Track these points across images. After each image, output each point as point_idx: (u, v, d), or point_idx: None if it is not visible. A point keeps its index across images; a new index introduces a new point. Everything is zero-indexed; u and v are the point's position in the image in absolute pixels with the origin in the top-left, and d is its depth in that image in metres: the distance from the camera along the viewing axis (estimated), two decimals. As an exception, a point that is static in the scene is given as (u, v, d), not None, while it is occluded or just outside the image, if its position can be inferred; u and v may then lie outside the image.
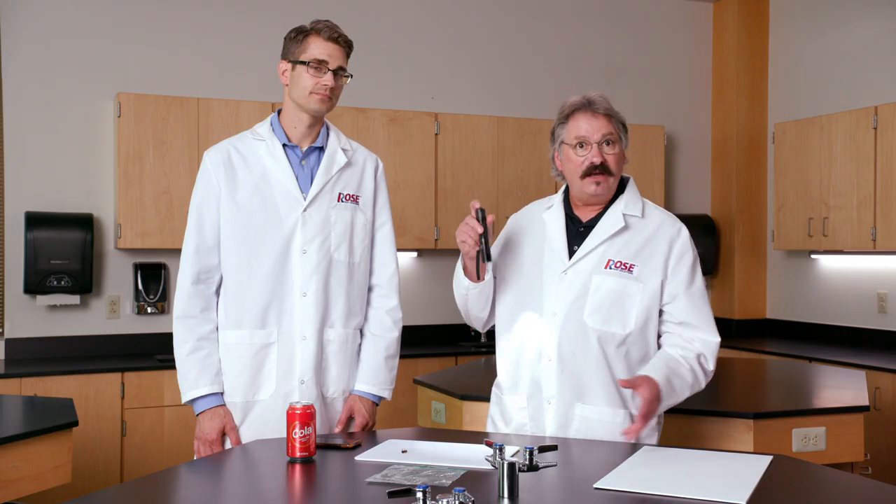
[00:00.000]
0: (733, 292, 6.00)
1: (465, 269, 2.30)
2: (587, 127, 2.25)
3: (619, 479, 1.82)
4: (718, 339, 2.28)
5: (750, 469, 1.90)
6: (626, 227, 2.27)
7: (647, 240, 2.27)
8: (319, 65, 2.37)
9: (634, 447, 2.12)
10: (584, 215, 2.32)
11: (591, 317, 2.22)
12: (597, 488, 1.76)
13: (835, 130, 5.08)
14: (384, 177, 2.61)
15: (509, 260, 2.38)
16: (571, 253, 2.28)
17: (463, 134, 5.24)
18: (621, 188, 2.34)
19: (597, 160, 2.23)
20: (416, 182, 5.12)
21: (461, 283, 2.33)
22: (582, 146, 2.25)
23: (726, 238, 6.08)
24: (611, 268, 2.23)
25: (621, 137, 2.28)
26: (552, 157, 2.36)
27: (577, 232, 2.31)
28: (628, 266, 2.24)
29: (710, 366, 2.26)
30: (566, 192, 2.39)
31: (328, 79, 2.37)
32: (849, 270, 5.41)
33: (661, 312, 2.27)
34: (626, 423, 2.23)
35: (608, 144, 2.25)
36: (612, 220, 2.28)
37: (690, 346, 2.25)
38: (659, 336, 2.30)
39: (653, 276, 2.24)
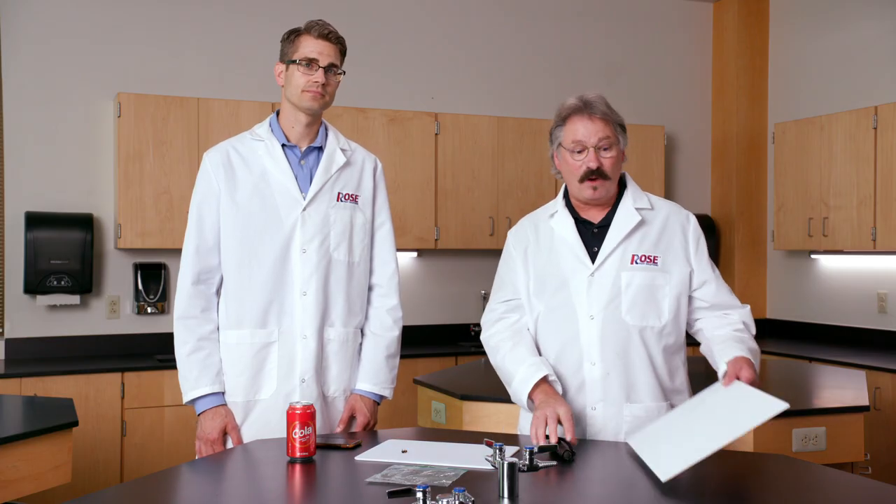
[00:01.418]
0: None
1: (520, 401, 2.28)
2: (584, 131, 2.24)
3: (673, 461, 1.81)
4: (748, 306, 2.40)
5: (746, 393, 2.00)
6: (641, 221, 2.29)
7: (661, 230, 2.31)
8: (310, 62, 2.38)
9: (626, 442, 2.15)
10: (594, 216, 2.32)
11: (629, 314, 2.24)
12: (669, 480, 1.76)
13: (835, 130, 5.08)
14: (383, 176, 2.61)
15: (527, 277, 2.37)
16: (592, 255, 2.28)
17: (463, 134, 5.24)
18: (622, 185, 2.36)
19: (593, 165, 2.23)
20: (416, 182, 5.12)
21: (516, 398, 2.30)
22: (579, 151, 2.25)
23: (726, 238, 6.07)
24: (636, 263, 2.26)
25: (619, 139, 2.28)
26: (551, 156, 2.36)
27: (592, 234, 2.31)
28: (652, 258, 2.27)
29: (753, 330, 2.36)
30: (566, 195, 2.38)
31: (319, 75, 2.38)
32: (849, 270, 5.41)
33: (689, 299, 2.32)
34: None
35: (605, 149, 2.25)
36: (626, 216, 2.29)
37: (731, 320, 2.33)
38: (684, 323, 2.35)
39: (676, 265, 2.28)
